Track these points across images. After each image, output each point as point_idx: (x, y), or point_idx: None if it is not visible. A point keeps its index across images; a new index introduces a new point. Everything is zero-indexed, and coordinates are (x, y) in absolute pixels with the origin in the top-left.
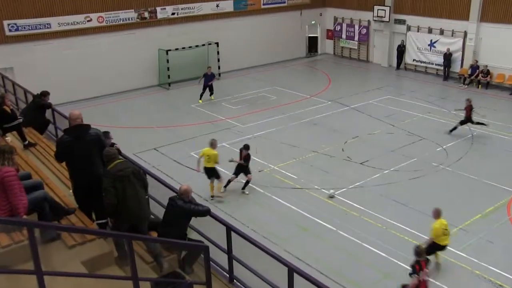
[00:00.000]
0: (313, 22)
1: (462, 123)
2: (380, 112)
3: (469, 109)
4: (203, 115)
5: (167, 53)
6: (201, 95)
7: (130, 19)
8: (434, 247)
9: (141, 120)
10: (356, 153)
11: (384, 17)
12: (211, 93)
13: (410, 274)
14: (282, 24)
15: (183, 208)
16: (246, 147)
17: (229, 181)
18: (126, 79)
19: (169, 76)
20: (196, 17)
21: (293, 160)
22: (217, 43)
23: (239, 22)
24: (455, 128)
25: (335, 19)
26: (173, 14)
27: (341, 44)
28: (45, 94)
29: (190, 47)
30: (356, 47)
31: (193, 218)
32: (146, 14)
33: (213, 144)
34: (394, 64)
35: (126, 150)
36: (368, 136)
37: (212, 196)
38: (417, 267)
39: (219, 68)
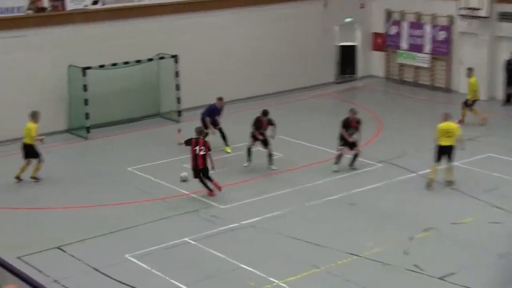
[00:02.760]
0: (348, 20)
1: None
2: (474, 184)
3: None
4: (148, 186)
5: (83, 73)
6: (225, 139)
7: (17, 10)
8: (437, 151)
9: (37, 194)
10: (430, 259)
11: (480, 9)
12: (225, 142)
13: None
14: (293, 24)
15: None
16: (265, 112)
17: (270, 155)
18: (7, 121)
19: (87, 115)
20: (138, 10)
21: (313, 269)
22: (174, 57)
23: (216, 20)
24: None
25: (388, 14)
26: (95, 3)
27: (399, 60)
28: None
29: (126, 63)
30: (427, 65)
31: None
32: (46, 3)
33: (34, 116)
34: (499, 95)
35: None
36: (453, 228)
37: (33, 178)
38: None
39: (178, 101)
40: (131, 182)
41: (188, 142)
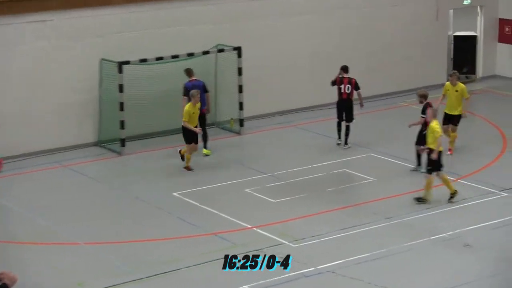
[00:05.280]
0: (467, 3)
1: None
2: None
3: None
4: (198, 217)
5: (120, 69)
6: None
7: None
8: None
9: (55, 224)
10: None
11: None
12: (204, 143)
13: None
14: (392, 10)
15: None
16: (345, 68)
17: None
18: (21, 133)
19: (122, 124)
20: None
21: None
22: (237, 50)
23: (297, 3)
24: None
25: None
26: None
27: None
28: None
29: (174, 57)
30: None
31: None
32: None
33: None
34: None
35: None
36: None
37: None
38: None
39: (240, 107)
40: (176, 211)
41: None
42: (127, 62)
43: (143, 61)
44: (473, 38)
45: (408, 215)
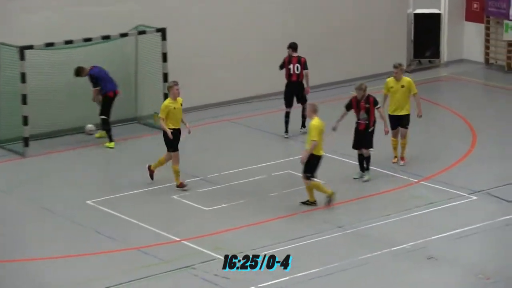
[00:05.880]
0: None
1: None
2: None
3: None
4: (118, 229)
5: (21, 55)
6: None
7: None
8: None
9: None
10: None
11: None
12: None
13: None
14: None
15: None
16: (293, 46)
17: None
18: None
19: (26, 120)
20: None
21: None
22: (161, 32)
23: None
24: None
25: None
26: None
27: (508, 35)
28: None
29: (87, 40)
30: None
31: None
32: None
33: None
34: None
35: None
36: None
37: None
38: None
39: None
40: (91, 222)
41: None
42: (30, 47)
43: (50, 45)
44: (437, 17)
45: (364, 223)
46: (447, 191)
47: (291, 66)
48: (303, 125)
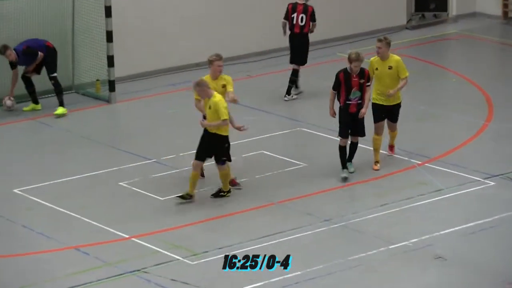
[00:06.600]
0: None
1: None
2: None
3: None
4: (52, 222)
5: None
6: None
7: None
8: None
9: None
10: None
11: None
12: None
13: None
14: None
15: None
16: None
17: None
18: None
19: None
20: None
21: None
22: None
23: None
24: None
25: None
26: None
27: None
28: None
29: None
30: None
31: None
32: None
33: None
34: None
35: None
36: None
37: None
38: None
39: (110, 63)
40: (20, 215)
41: None
42: None
43: None
44: None
45: (355, 215)
46: (457, 175)
47: (294, 15)
48: (288, 93)
